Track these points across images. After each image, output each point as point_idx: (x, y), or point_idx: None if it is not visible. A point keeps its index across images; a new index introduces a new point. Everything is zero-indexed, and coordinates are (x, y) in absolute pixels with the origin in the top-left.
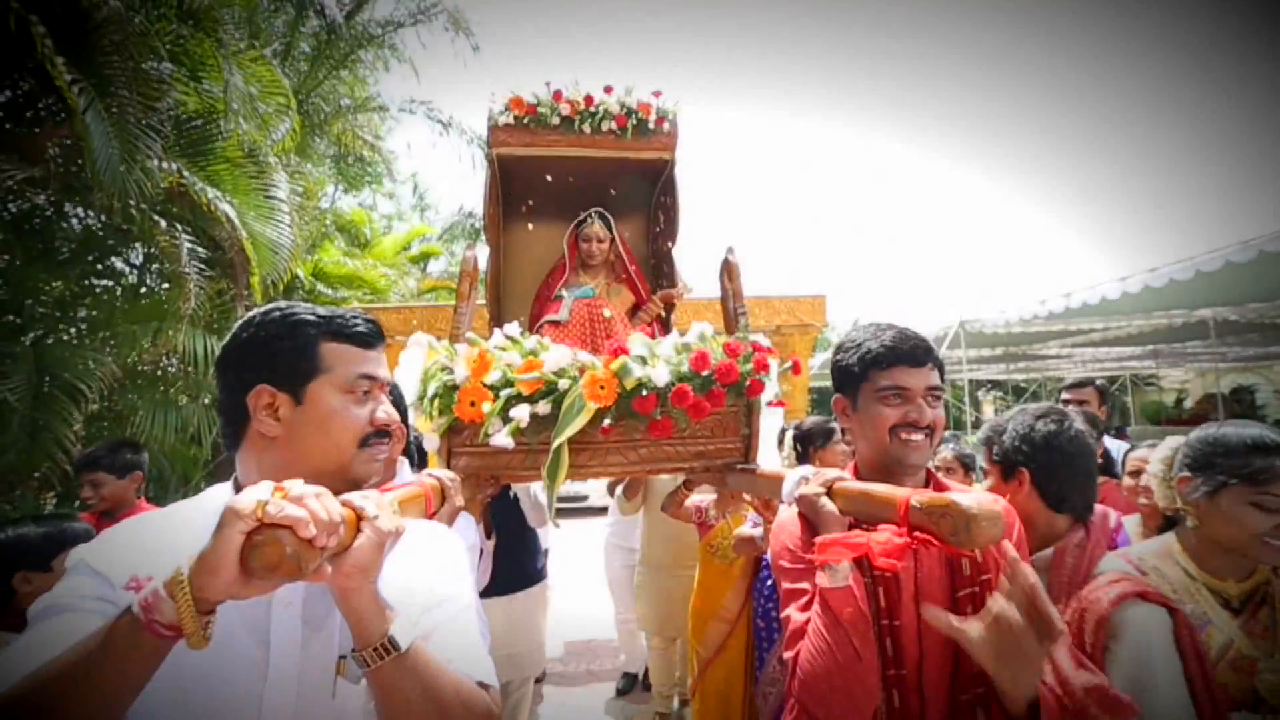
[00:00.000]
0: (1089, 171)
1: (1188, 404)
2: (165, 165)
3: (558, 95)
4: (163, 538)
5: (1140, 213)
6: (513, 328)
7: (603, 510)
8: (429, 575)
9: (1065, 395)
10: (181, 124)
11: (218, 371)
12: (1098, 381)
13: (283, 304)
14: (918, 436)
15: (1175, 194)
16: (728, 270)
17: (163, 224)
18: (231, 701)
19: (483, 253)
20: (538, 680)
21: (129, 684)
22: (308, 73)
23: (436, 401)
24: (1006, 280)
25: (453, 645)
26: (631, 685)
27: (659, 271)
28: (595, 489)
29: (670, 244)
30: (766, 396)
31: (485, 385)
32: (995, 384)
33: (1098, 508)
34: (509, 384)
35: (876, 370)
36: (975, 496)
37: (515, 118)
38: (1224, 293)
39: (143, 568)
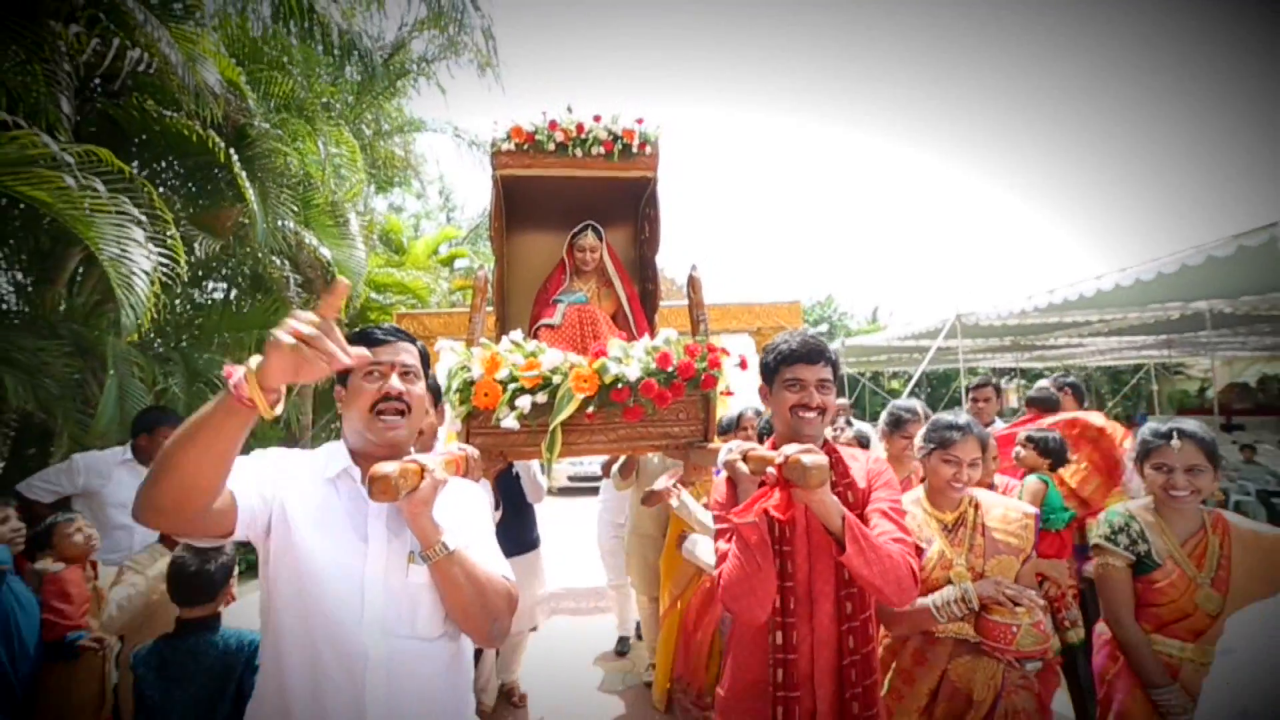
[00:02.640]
0: (1083, 167)
1: (1210, 393)
2: (286, 224)
3: (553, 125)
4: (294, 464)
5: (1132, 208)
6: (517, 334)
7: None
8: (463, 512)
9: (971, 393)
10: (290, 185)
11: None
12: (994, 381)
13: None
14: (810, 415)
15: (1161, 190)
16: (691, 284)
17: (275, 260)
18: (347, 571)
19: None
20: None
21: (224, 439)
22: (353, 104)
23: (458, 394)
24: (1006, 273)
25: (483, 554)
26: (627, 646)
27: (645, 275)
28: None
29: (653, 251)
30: (720, 388)
31: (496, 381)
32: (1022, 373)
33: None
34: (514, 379)
35: (783, 366)
36: (813, 457)
37: (516, 144)
38: (1205, 286)
39: (279, 481)
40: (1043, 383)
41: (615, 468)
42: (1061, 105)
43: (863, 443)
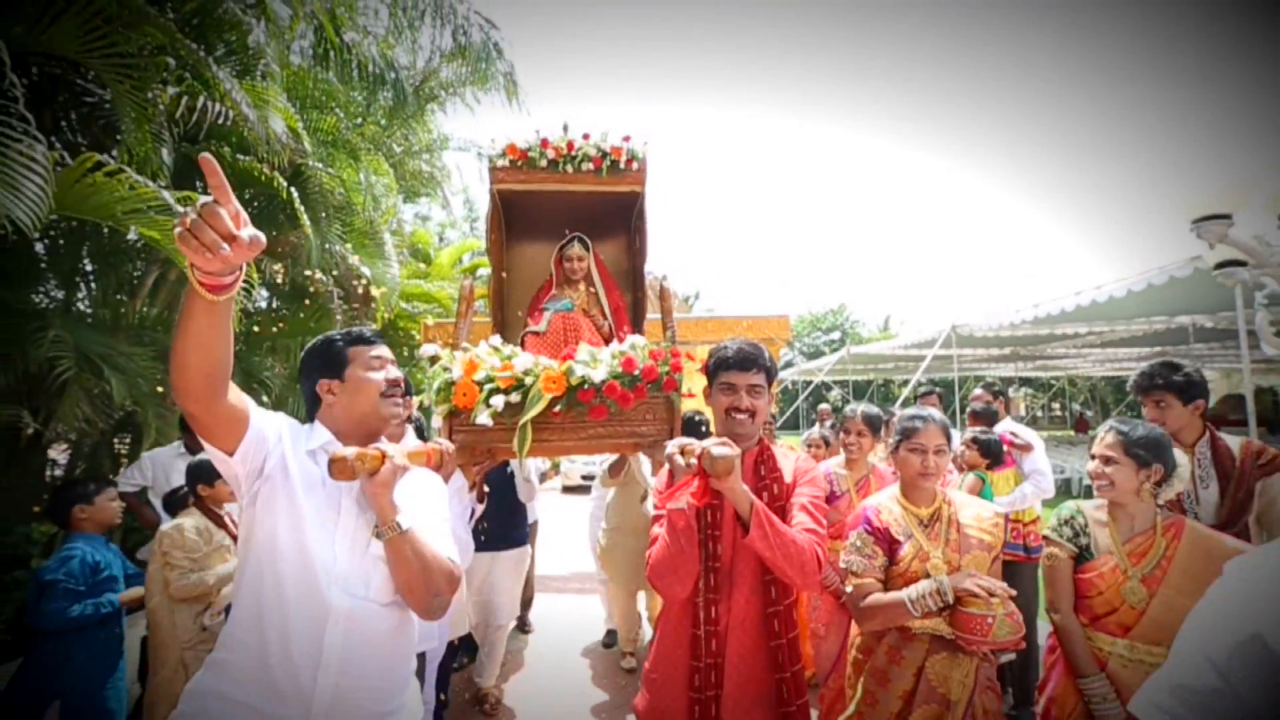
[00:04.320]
0: (1081, 174)
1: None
2: (334, 247)
3: (544, 142)
4: (293, 430)
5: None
6: (496, 339)
7: None
8: (421, 499)
9: (919, 399)
10: (335, 211)
11: (301, 376)
12: (937, 390)
13: (322, 335)
14: (740, 416)
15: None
16: (662, 293)
17: (320, 276)
18: (321, 537)
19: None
20: (526, 631)
21: (199, 325)
22: (386, 126)
23: (439, 393)
24: (1003, 282)
25: (433, 536)
26: (613, 640)
27: (636, 283)
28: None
29: (642, 261)
30: (683, 390)
31: (474, 381)
32: (1026, 382)
33: (889, 469)
34: (491, 380)
35: (720, 371)
36: (722, 450)
37: (511, 161)
38: (1173, 303)
39: (284, 437)
40: (978, 391)
41: (606, 465)
42: (1092, 110)
43: (828, 442)
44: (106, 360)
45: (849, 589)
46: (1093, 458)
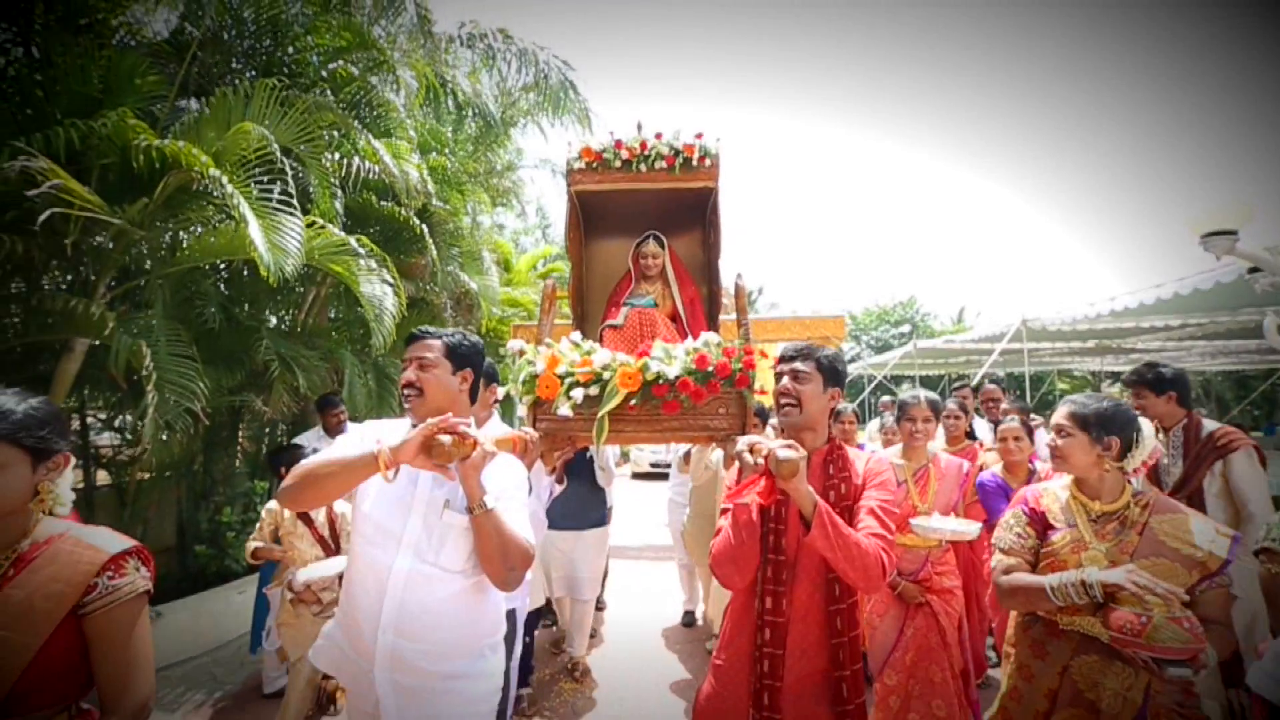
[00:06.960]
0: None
1: None
2: (450, 268)
3: (619, 144)
4: (386, 428)
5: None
6: (576, 335)
7: None
8: (503, 482)
9: (954, 394)
10: (450, 237)
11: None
12: (971, 384)
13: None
14: (784, 401)
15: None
16: (737, 291)
17: (438, 290)
18: (397, 510)
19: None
20: (600, 608)
21: (355, 479)
22: (473, 152)
23: (524, 385)
24: (1085, 274)
25: (513, 518)
26: (692, 620)
27: (710, 277)
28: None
29: (716, 256)
30: (755, 387)
31: (556, 375)
32: (1120, 377)
33: (951, 458)
34: (571, 374)
35: (777, 366)
36: (787, 452)
37: (587, 163)
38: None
39: (369, 439)
40: (990, 386)
41: (680, 456)
42: (1184, 107)
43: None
44: (295, 362)
45: (994, 563)
46: None
